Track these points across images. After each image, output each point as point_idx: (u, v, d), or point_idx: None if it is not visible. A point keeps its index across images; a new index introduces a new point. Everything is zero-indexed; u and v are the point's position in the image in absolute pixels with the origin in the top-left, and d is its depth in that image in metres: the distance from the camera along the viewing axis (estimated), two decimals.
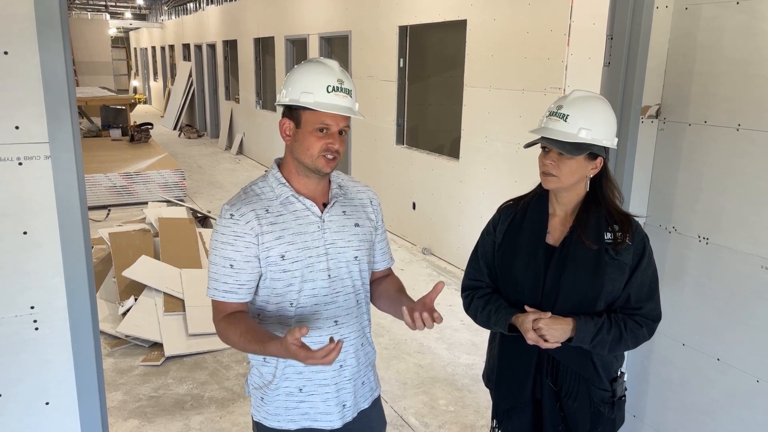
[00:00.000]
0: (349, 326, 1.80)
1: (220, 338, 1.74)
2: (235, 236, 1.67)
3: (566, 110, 1.82)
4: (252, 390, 1.86)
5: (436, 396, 3.84)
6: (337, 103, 1.65)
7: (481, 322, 1.99)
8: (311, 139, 1.66)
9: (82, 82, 21.41)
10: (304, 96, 1.64)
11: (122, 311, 4.57)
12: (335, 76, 1.67)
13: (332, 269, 1.75)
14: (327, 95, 1.64)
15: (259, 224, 1.67)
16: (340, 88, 1.66)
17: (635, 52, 2.31)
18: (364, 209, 1.86)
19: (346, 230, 1.78)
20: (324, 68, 1.68)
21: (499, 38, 5.29)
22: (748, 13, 2.05)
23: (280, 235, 1.69)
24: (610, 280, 1.85)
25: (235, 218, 1.68)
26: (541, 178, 1.89)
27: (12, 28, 1.69)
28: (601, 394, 1.94)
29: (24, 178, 1.77)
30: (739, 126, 2.10)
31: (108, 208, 8.19)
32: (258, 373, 1.83)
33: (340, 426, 1.83)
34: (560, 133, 1.80)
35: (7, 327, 1.82)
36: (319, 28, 8.88)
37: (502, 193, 4.55)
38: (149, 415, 3.60)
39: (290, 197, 1.72)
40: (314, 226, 1.73)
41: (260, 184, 1.77)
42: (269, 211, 1.70)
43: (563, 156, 1.81)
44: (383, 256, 1.96)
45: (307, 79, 1.66)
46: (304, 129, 1.66)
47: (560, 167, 1.82)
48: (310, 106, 1.63)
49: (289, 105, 1.68)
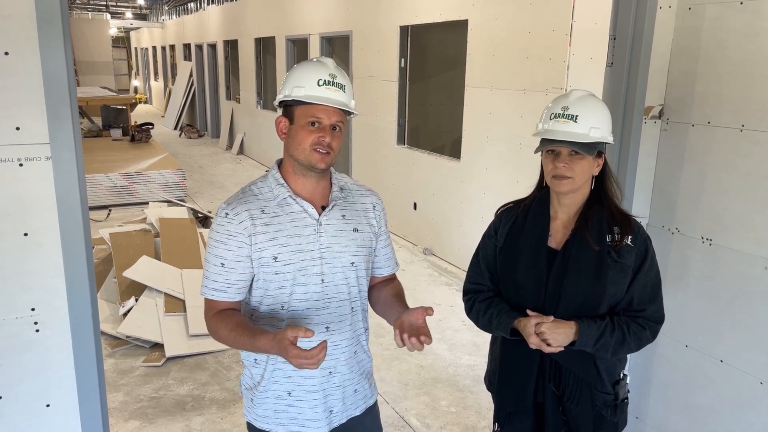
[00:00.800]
0: (341, 333, 1.78)
1: (211, 335, 1.74)
2: (228, 235, 1.67)
3: (574, 110, 1.82)
4: (244, 391, 1.86)
5: (437, 397, 3.83)
6: (329, 96, 1.64)
7: (483, 326, 1.98)
8: (302, 133, 1.65)
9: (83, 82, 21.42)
10: (296, 90, 1.65)
11: (123, 312, 4.56)
12: (327, 70, 1.67)
13: (326, 274, 1.73)
14: (318, 88, 1.64)
15: (252, 224, 1.66)
16: (332, 82, 1.65)
17: (638, 53, 2.30)
18: (366, 214, 1.83)
19: (343, 234, 1.75)
20: (317, 64, 1.69)
21: (500, 38, 5.28)
22: (752, 13, 2.04)
23: (274, 237, 1.67)
24: (613, 283, 1.84)
25: (229, 217, 1.68)
26: (552, 182, 1.86)
27: (13, 29, 1.69)
28: (603, 398, 1.93)
29: (25, 179, 1.77)
30: (743, 126, 2.09)
31: (109, 208, 8.19)
32: (249, 374, 1.83)
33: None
34: (574, 135, 1.80)
35: (7, 328, 1.82)
36: (320, 28, 8.88)
37: (504, 194, 4.54)
38: (150, 415, 3.59)
39: (287, 198, 1.71)
40: (310, 228, 1.71)
41: (259, 184, 1.76)
42: (265, 212, 1.69)
43: (574, 157, 1.81)
44: (387, 262, 1.93)
45: (299, 75, 1.67)
46: (297, 124, 1.66)
47: (574, 168, 1.82)
48: (300, 99, 1.63)
49: (283, 101, 1.69)
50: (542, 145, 1.86)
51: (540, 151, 1.88)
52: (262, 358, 1.77)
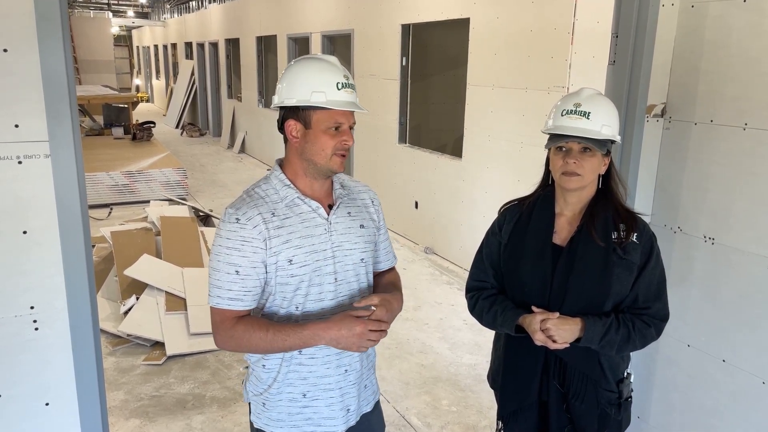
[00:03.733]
0: None
1: (230, 344, 1.67)
2: (242, 241, 1.62)
3: (586, 107, 1.82)
4: (252, 397, 1.82)
5: (438, 396, 3.82)
6: (348, 100, 1.64)
7: (487, 323, 1.98)
8: (324, 139, 1.63)
9: (85, 80, 21.41)
10: (315, 96, 1.60)
11: (124, 310, 4.56)
12: (341, 72, 1.65)
13: (339, 272, 1.72)
14: (338, 92, 1.62)
15: (266, 228, 1.63)
16: (347, 84, 1.64)
17: (641, 51, 2.29)
18: (367, 210, 1.84)
19: (352, 232, 1.75)
20: (328, 65, 1.65)
21: (502, 37, 5.27)
22: (756, 11, 2.03)
23: (288, 239, 1.65)
24: (618, 280, 1.84)
25: (241, 222, 1.63)
26: (561, 179, 1.86)
27: (12, 26, 1.68)
28: (608, 396, 1.92)
29: (24, 177, 1.76)
30: (746, 125, 2.08)
31: (110, 207, 8.19)
32: (257, 380, 1.79)
33: (343, 431, 1.80)
34: (587, 131, 1.80)
35: (6, 327, 1.81)
36: (321, 27, 8.87)
37: (505, 192, 4.53)
38: (151, 414, 3.59)
39: (296, 199, 1.69)
40: (321, 228, 1.70)
41: (263, 186, 1.73)
42: (275, 214, 1.66)
43: (585, 154, 1.82)
44: (386, 255, 1.94)
45: (315, 78, 1.62)
46: (316, 129, 1.63)
47: (584, 166, 1.82)
48: (324, 105, 1.60)
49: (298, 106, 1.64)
50: (552, 141, 1.86)
51: (549, 147, 1.88)
52: (273, 364, 1.74)
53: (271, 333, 1.61)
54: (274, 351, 1.66)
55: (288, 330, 1.61)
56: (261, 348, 1.64)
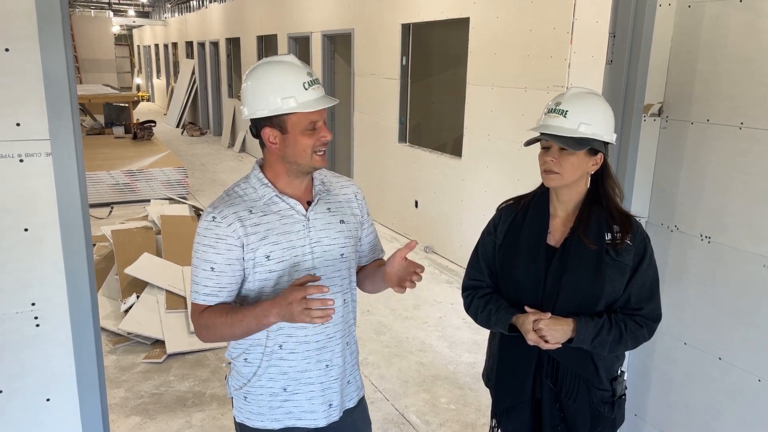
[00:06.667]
0: (335, 326, 1.78)
1: (201, 334, 1.70)
2: (216, 239, 1.65)
3: (565, 106, 1.82)
4: (234, 391, 1.84)
5: (437, 394, 3.83)
6: (318, 97, 1.64)
7: (482, 322, 1.99)
8: (303, 140, 1.64)
9: (86, 79, 21.43)
10: (286, 102, 1.60)
11: (124, 308, 4.58)
12: (303, 70, 1.65)
13: (318, 268, 1.74)
14: (306, 93, 1.62)
15: (242, 226, 1.65)
16: (313, 81, 1.65)
17: (638, 50, 2.30)
18: (349, 205, 1.85)
19: (331, 227, 1.77)
20: (290, 67, 1.65)
21: (502, 36, 5.28)
22: (752, 11, 2.04)
23: (265, 236, 1.67)
24: (611, 281, 1.85)
25: (216, 221, 1.66)
26: (543, 176, 1.88)
27: (13, 25, 1.70)
28: (601, 395, 1.93)
29: (25, 175, 1.78)
30: (742, 124, 2.09)
31: (111, 206, 8.20)
32: (237, 375, 1.81)
33: (324, 425, 1.81)
34: (561, 129, 1.80)
35: (8, 323, 1.83)
36: (322, 26, 8.88)
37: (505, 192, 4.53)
38: (151, 412, 3.60)
39: (274, 197, 1.71)
40: (299, 225, 1.72)
41: (242, 185, 1.75)
42: (252, 212, 1.68)
43: (564, 152, 1.81)
44: (372, 250, 1.95)
45: (281, 83, 1.62)
46: (293, 132, 1.64)
47: (562, 164, 1.82)
48: (298, 110, 1.61)
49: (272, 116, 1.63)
50: (531, 140, 1.88)
51: (527, 145, 1.90)
52: (254, 358, 1.76)
53: (229, 317, 1.63)
54: (239, 335, 1.67)
55: (244, 311, 1.61)
56: (227, 333, 1.67)
